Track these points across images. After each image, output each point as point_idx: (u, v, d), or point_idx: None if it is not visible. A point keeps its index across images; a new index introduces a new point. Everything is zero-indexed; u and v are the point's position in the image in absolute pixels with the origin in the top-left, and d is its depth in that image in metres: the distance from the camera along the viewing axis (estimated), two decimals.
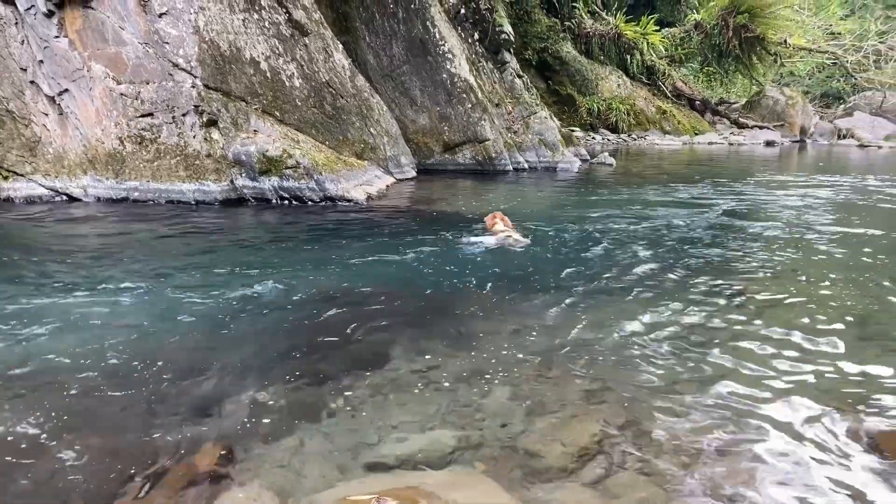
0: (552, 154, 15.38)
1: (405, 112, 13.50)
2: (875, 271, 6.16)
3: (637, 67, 27.53)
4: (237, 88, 9.11)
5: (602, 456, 2.91)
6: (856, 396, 3.51)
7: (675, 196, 10.87)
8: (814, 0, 38.11)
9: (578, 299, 5.12)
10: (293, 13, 10.25)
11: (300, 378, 3.62)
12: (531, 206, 9.75)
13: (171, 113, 8.78)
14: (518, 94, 16.27)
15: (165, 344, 4.07)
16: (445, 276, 5.71)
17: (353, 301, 4.99)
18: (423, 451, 2.92)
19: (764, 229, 8.04)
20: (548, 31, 23.25)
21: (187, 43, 8.66)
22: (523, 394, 3.47)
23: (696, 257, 6.53)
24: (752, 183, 13.26)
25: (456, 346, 4.12)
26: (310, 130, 10.05)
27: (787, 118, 30.32)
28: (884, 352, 4.12)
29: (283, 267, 5.85)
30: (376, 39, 13.14)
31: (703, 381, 3.65)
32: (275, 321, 4.53)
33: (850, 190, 12.46)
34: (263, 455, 2.91)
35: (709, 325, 4.58)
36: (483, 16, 16.05)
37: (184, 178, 8.87)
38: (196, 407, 3.31)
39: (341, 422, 3.18)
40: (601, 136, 24.55)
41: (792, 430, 3.16)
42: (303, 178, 9.09)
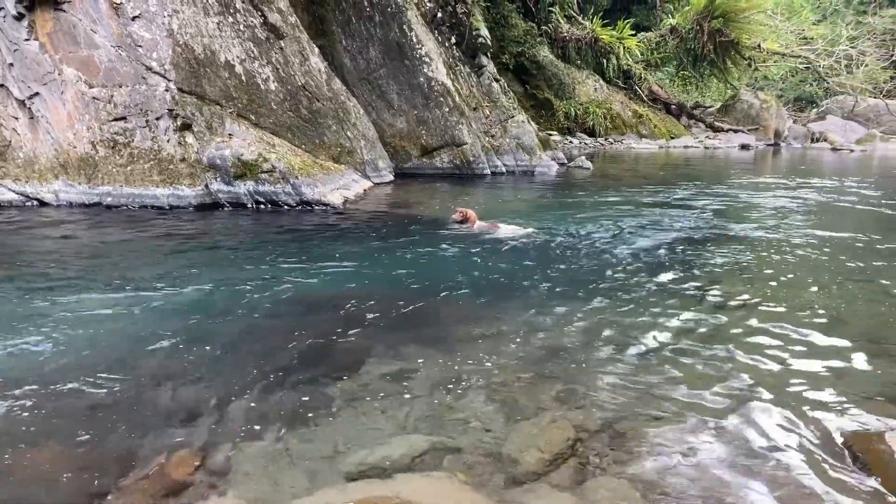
0: (530, 158, 15.42)
1: (382, 116, 13.46)
2: (850, 274, 6.24)
3: (613, 72, 27.73)
4: (212, 92, 9.02)
5: (579, 460, 2.90)
6: (830, 398, 3.54)
7: (652, 199, 10.93)
8: (786, 5, 38.70)
9: (555, 303, 5.12)
10: (268, 16, 10.18)
11: (276, 385, 3.58)
12: (509, 210, 9.75)
13: (145, 117, 8.68)
14: (495, 97, 16.30)
15: (137, 351, 4.00)
16: (422, 281, 5.69)
17: (330, 306, 4.94)
18: (401, 458, 2.89)
19: (740, 233, 8.11)
20: (524, 35, 23.35)
21: (161, 46, 8.56)
22: (500, 398, 3.45)
23: (673, 261, 6.57)
24: (728, 186, 13.38)
25: (433, 350, 4.09)
26: (286, 134, 9.98)
27: (761, 122, 30.69)
28: (858, 354, 4.16)
29: (258, 272, 5.79)
30: (353, 43, 13.09)
31: (678, 384, 3.66)
32: (249, 328, 4.47)
33: (825, 193, 12.62)
34: (239, 463, 2.86)
35: (684, 328, 4.60)
36: (460, 20, 16.07)
37: (158, 183, 8.76)
38: (170, 415, 3.25)
39: (319, 429, 3.14)
40: (578, 139, 24.68)
41: (767, 431, 3.17)
42: (279, 182, 9.02)
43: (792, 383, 3.70)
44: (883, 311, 5.06)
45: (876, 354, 4.16)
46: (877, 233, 8.34)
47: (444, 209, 9.52)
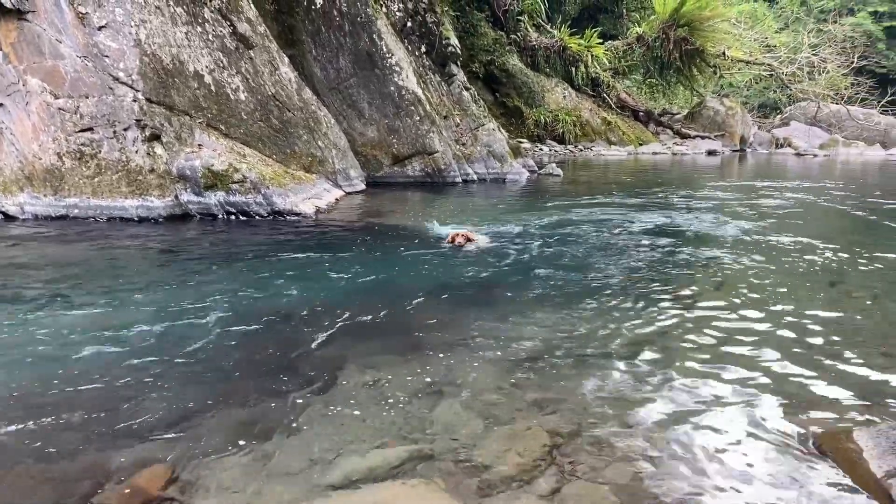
0: (501, 165, 15.50)
1: (353, 125, 13.44)
2: (817, 276, 6.36)
3: (582, 79, 27.98)
4: (181, 102, 8.95)
5: (555, 466, 2.91)
6: (799, 399, 3.60)
7: (623, 205, 11.05)
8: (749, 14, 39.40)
9: (530, 310, 5.15)
10: (238, 26, 10.13)
11: (250, 397, 3.55)
12: (482, 217, 9.78)
13: (112, 127, 8.57)
14: (466, 106, 16.36)
15: (107, 365, 3.94)
16: (396, 290, 5.69)
17: (304, 317, 4.92)
18: (378, 467, 2.89)
19: (710, 237, 8.23)
20: (494, 44, 23.50)
21: (128, 56, 8.48)
22: (477, 405, 3.46)
23: (646, 266, 6.64)
24: (697, 192, 13.57)
25: (408, 359, 4.09)
26: (256, 144, 9.92)
27: (727, 128, 31.15)
28: (823, 355, 4.24)
29: (230, 283, 5.75)
30: (323, 52, 13.06)
31: (652, 388, 3.70)
32: (222, 340, 4.43)
33: (791, 196, 12.86)
34: (214, 477, 2.83)
35: (657, 332, 4.65)
36: (429, 29, 16.12)
37: (126, 194, 8.66)
38: (142, 429, 3.21)
39: (295, 440, 3.12)
40: (548, 147, 24.85)
41: (739, 432, 3.22)
42: (250, 192, 8.96)
43: (762, 384, 3.76)
44: (848, 311, 5.17)
45: (842, 353, 4.25)
46: (842, 234, 8.53)
47: (417, 218, 9.53)
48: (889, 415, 3.39)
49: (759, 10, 42.92)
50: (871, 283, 6.09)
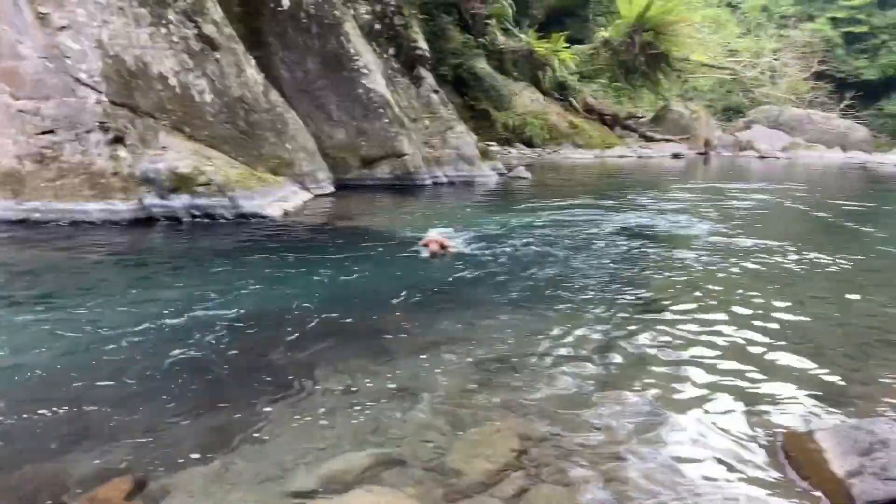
0: (470, 168, 15.50)
1: (321, 127, 13.34)
2: (779, 278, 6.47)
3: (549, 83, 28.15)
4: (145, 104, 8.81)
5: (523, 470, 2.92)
6: (763, 400, 3.66)
7: (590, 208, 11.13)
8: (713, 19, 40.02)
9: (498, 314, 5.16)
10: (203, 28, 10.02)
11: (216, 404, 3.50)
12: (451, 220, 9.79)
13: (75, 130, 8.41)
14: (435, 109, 16.35)
15: (69, 373, 3.87)
16: (365, 294, 5.66)
17: (271, 322, 4.87)
18: (347, 473, 2.87)
19: (674, 240, 8.34)
20: (462, 47, 23.51)
21: (90, 57, 8.33)
22: (446, 410, 3.46)
23: (613, 268, 6.69)
24: (662, 194, 13.73)
25: (376, 364, 4.08)
26: (222, 146, 9.81)
27: (691, 131, 31.52)
28: (789, 358, 4.32)
29: (194, 288, 5.66)
30: (290, 54, 12.96)
31: (619, 390, 3.74)
32: (186, 345, 4.36)
33: (755, 198, 13.07)
34: (180, 485, 2.79)
35: (624, 336, 4.69)
36: (398, 32, 16.10)
37: (89, 198, 8.48)
38: (104, 438, 3.15)
39: (263, 448, 3.09)
40: (517, 150, 24.91)
41: (704, 433, 3.27)
42: (215, 195, 8.86)
43: (727, 386, 3.82)
44: (810, 313, 5.27)
45: (805, 355, 4.33)
46: (803, 236, 8.70)
47: (386, 220, 9.50)
48: (851, 415, 3.46)
49: (723, 16, 43.59)
50: (832, 285, 6.22)
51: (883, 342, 4.62)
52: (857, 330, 4.89)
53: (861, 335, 4.77)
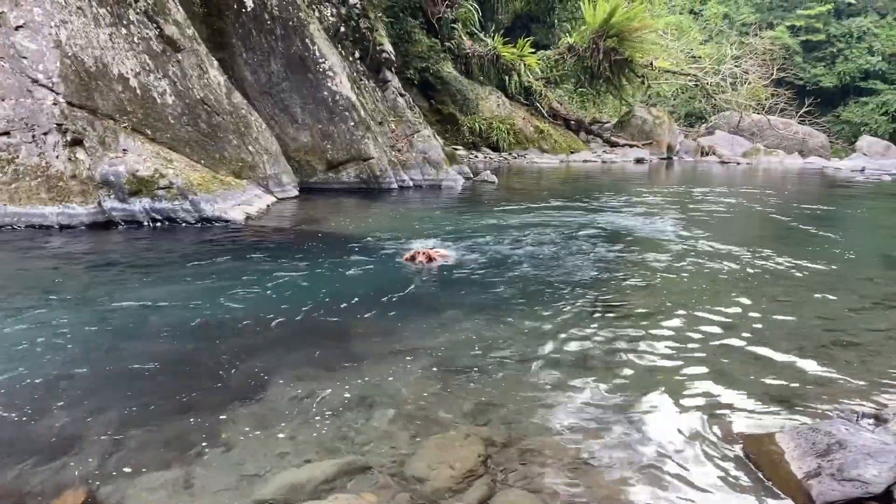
0: (436, 172, 15.52)
1: (286, 130, 13.24)
2: (741, 280, 6.57)
3: (515, 88, 28.31)
4: (104, 106, 8.65)
5: (488, 475, 2.91)
6: (724, 403, 3.70)
7: (556, 212, 11.20)
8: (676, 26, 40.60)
9: (462, 319, 5.15)
10: (165, 28, 9.87)
11: (173, 412, 3.43)
12: (418, 224, 9.77)
13: (31, 131, 8.21)
14: (401, 112, 16.34)
15: (20, 381, 3.75)
16: (328, 299, 5.60)
17: (230, 328, 4.80)
18: (307, 482, 2.83)
19: (637, 243, 8.41)
20: (428, 51, 23.52)
21: (48, 58, 8.15)
22: (410, 416, 3.44)
23: (576, 273, 6.73)
24: (627, 198, 13.87)
25: (341, 370, 4.03)
26: (184, 149, 9.67)
27: (655, 137, 31.98)
28: (750, 361, 4.37)
29: (153, 294, 5.55)
30: (254, 56, 12.84)
31: (582, 395, 3.75)
32: (144, 354, 4.27)
33: (715, 203, 13.27)
34: (135, 497, 2.72)
35: (589, 340, 4.71)
36: (363, 34, 16.06)
37: (46, 201, 8.30)
38: (59, 448, 3.06)
39: (221, 457, 3.03)
40: (483, 154, 25.01)
41: (668, 436, 3.29)
42: (176, 198, 8.72)
43: (689, 389, 3.86)
44: (769, 315, 5.35)
45: (765, 357, 4.39)
46: (762, 239, 8.85)
47: (351, 225, 9.45)
48: (809, 417, 3.51)
49: (685, 23, 44.28)
50: (791, 287, 6.33)
51: (840, 344, 4.71)
52: (815, 332, 4.98)
53: (819, 337, 4.85)
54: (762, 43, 42.68)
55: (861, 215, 13.40)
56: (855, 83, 46.24)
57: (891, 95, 44.63)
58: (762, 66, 39.21)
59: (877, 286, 6.64)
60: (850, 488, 2.66)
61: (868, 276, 7.07)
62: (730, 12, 50.08)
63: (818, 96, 44.20)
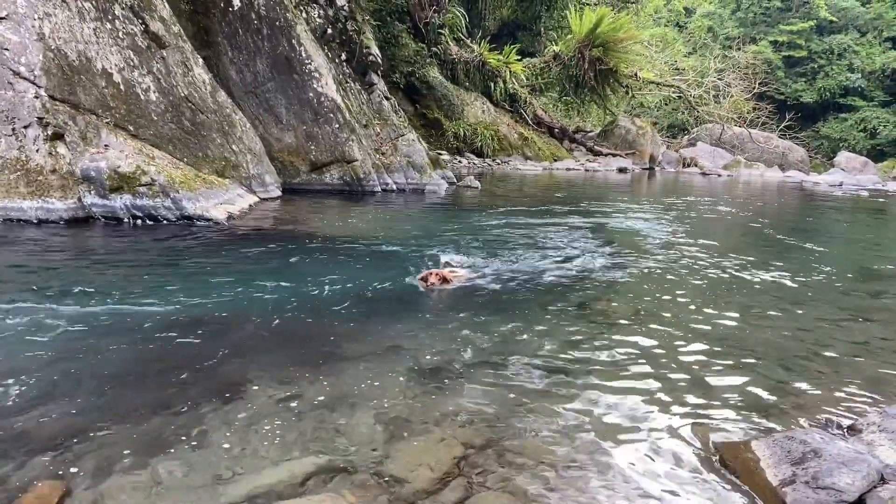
0: (420, 176, 15.54)
1: (270, 130, 13.19)
2: (719, 289, 6.63)
3: (500, 95, 28.41)
4: (87, 101, 8.57)
5: (466, 477, 2.91)
6: (701, 411, 3.73)
7: (539, 218, 11.25)
8: (661, 38, 41.04)
9: (443, 320, 5.16)
10: (150, 24, 9.80)
11: (150, 410, 3.39)
12: (401, 227, 9.77)
13: (11, 124, 8.12)
14: (386, 115, 16.35)
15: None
16: (308, 299, 5.59)
17: (209, 327, 4.76)
18: (285, 482, 2.81)
19: (619, 252, 8.46)
20: (415, 55, 23.56)
21: (30, 50, 8.06)
22: (388, 418, 3.43)
23: (559, 277, 6.76)
24: (609, 206, 13.96)
25: (320, 370, 4.02)
26: (166, 146, 9.60)
27: (637, 147, 32.23)
28: (726, 370, 4.42)
29: (132, 291, 5.50)
30: (239, 55, 12.79)
31: (561, 400, 3.77)
32: (120, 349, 4.23)
33: (698, 212, 13.40)
34: (110, 494, 2.69)
35: (569, 345, 4.74)
36: (350, 37, 16.05)
37: (25, 195, 8.19)
38: (31, 443, 3.02)
39: (198, 456, 3.01)
40: (467, 159, 25.08)
41: (645, 442, 3.31)
42: (158, 195, 8.65)
43: (671, 397, 3.88)
44: (747, 324, 5.41)
45: (743, 366, 4.44)
46: (741, 249, 8.94)
47: (333, 226, 9.42)
48: (785, 425, 3.55)
49: (670, 35, 44.84)
50: (769, 298, 6.40)
51: (816, 355, 4.77)
52: (791, 343, 5.03)
53: (795, 348, 4.90)
54: (745, 57, 43.27)
55: (838, 229, 13.60)
56: (835, 99, 46.98)
57: (869, 112, 45.40)
58: (744, 79, 39.77)
59: (852, 298, 6.73)
60: (824, 496, 2.70)
61: (844, 288, 7.16)
62: (714, 26, 50.71)
63: (799, 111, 44.89)
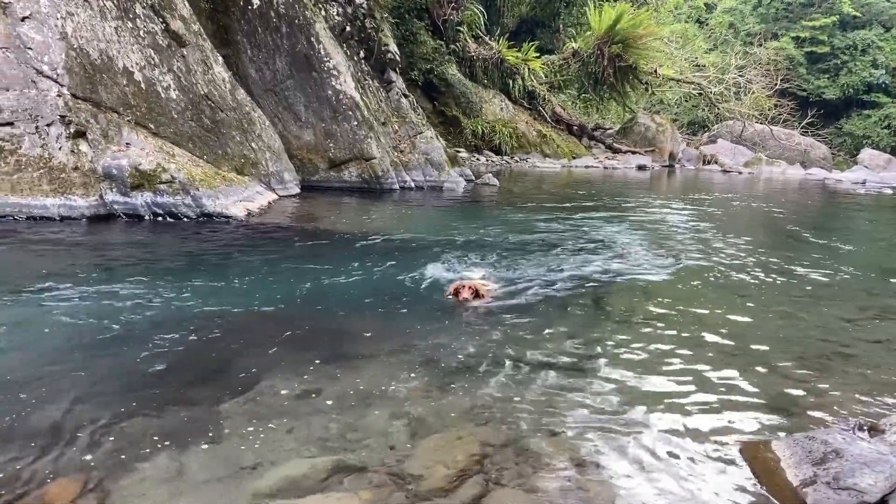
0: (438, 173, 15.53)
1: (289, 127, 13.25)
2: (740, 289, 6.57)
3: (519, 92, 28.29)
4: (108, 99, 8.65)
5: (483, 476, 2.91)
6: (721, 410, 3.70)
7: (557, 215, 11.21)
8: (681, 34, 40.68)
9: (462, 318, 5.15)
10: (170, 23, 9.88)
11: (171, 405, 3.43)
12: (419, 224, 9.78)
13: (35, 123, 8.22)
14: (404, 113, 16.36)
15: (19, 369, 3.75)
16: (327, 296, 5.61)
17: (229, 323, 4.80)
18: (303, 478, 2.82)
19: (640, 248, 8.40)
20: (433, 52, 23.54)
21: (53, 49, 8.15)
22: (406, 415, 3.43)
23: (578, 277, 6.72)
24: (629, 204, 13.88)
25: (338, 367, 4.03)
26: (186, 144, 9.67)
27: (657, 144, 31.95)
28: (747, 368, 4.37)
29: (153, 288, 5.54)
30: (259, 53, 12.85)
31: (580, 398, 3.75)
32: (143, 345, 4.27)
33: (718, 210, 13.28)
34: (129, 488, 2.72)
35: (587, 344, 4.71)
36: (369, 34, 16.08)
37: (48, 193, 8.29)
38: (54, 437, 3.05)
39: (216, 450, 3.03)
40: (485, 157, 25.03)
41: (664, 441, 3.29)
42: (178, 193, 8.73)
43: (687, 396, 3.85)
44: (770, 325, 5.35)
45: (764, 365, 4.39)
46: (765, 248, 8.85)
47: (351, 223, 9.45)
48: (806, 425, 3.51)
49: (690, 31, 44.38)
50: (792, 297, 6.34)
51: (839, 355, 4.71)
52: (813, 342, 4.98)
53: (816, 347, 4.85)
54: (766, 53, 42.78)
55: (861, 227, 13.42)
56: (858, 96, 46.30)
57: (893, 109, 44.71)
58: (766, 76, 39.30)
59: (875, 298, 6.64)
60: (845, 497, 2.66)
61: (867, 287, 7.07)
62: (735, 22, 50.15)
63: (821, 108, 44.29)
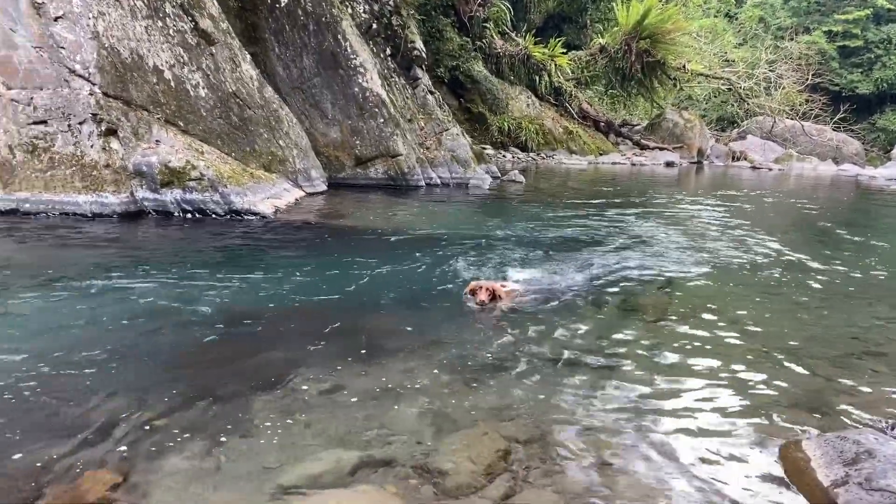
0: (464, 170, 15.52)
1: (316, 125, 13.32)
2: (773, 287, 6.48)
3: (545, 88, 28.16)
4: (139, 97, 8.77)
5: (509, 472, 2.90)
6: (750, 409, 3.65)
7: (584, 212, 11.15)
8: (710, 28, 40.14)
9: (488, 316, 5.14)
10: (199, 22, 9.97)
11: (201, 400, 3.46)
12: (445, 221, 9.78)
13: (67, 121, 8.35)
14: (430, 110, 16.36)
15: (54, 364, 3.82)
16: (354, 293, 5.63)
17: (258, 319, 4.84)
18: (331, 472, 2.84)
19: (671, 247, 8.33)
20: (459, 49, 23.52)
21: (85, 48, 8.27)
22: (433, 411, 3.44)
23: (606, 275, 6.67)
24: (657, 201, 13.76)
25: (364, 363, 4.05)
26: (215, 141, 9.77)
27: (685, 140, 31.62)
28: (777, 367, 4.32)
29: (184, 284, 5.62)
30: (286, 51, 12.93)
31: (610, 396, 3.72)
32: (173, 340, 4.34)
33: (746, 208, 13.11)
34: (161, 481, 2.75)
35: (615, 341, 4.69)
36: (395, 31, 16.09)
37: (80, 190, 8.43)
38: (88, 431, 3.10)
39: (247, 444, 3.06)
40: (511, 154, 24.97)
41: (693, 439, 3.26)
42: (207, 190, 8.81)
43: (717, 394, 3.82)
44: (801, 323, 5.28)
45: (795, 364, 4.33)
46: (796, 245, 8.72)
47: (378, 220, 9.48)
48: (837, 425, 3.46)
49: (719, 26, 43.76)
50: (823, 295, 6.24)
51: (871, 354, 4.63)
52: (844, 340, 4.90)
53: (850, 346, 4.77)
54: (798, 47, 42.05)
55: (894, 225, 13.16)
56: (892, 90, 45.39)
57: None
58: (797, 70, 38.65)
59: None
60: (878, 498, 2.62)
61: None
62: (766, 16, 49.42)
63: (854, 103, 43.50)
